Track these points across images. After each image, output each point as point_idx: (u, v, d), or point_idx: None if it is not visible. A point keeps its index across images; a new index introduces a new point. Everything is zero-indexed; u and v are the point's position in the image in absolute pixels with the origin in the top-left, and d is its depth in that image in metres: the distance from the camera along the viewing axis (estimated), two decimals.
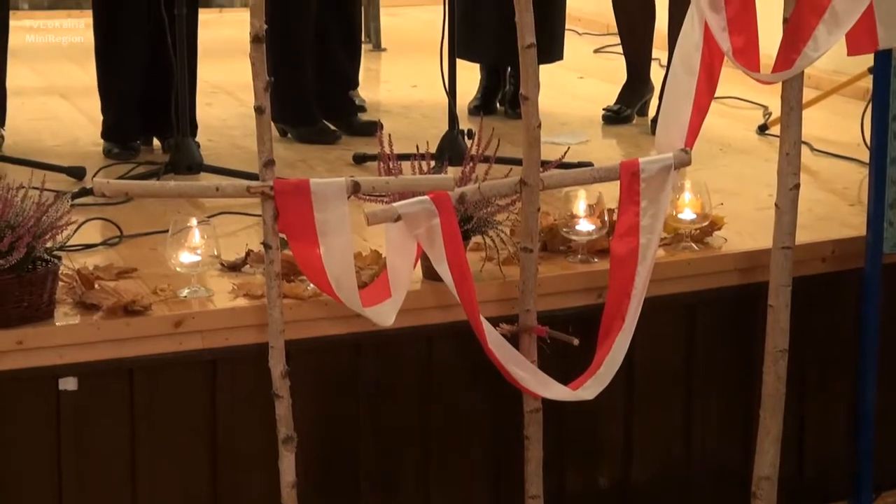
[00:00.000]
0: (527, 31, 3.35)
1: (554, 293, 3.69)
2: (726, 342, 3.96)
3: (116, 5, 5.01)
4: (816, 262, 3.99)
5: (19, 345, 3.33)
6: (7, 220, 3.30)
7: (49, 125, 5.54)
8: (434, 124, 4.99)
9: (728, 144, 5.14)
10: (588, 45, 7.20)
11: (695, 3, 3.55)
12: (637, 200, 3.49)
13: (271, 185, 3.22)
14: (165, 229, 3.79)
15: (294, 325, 3.42)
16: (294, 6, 5.13)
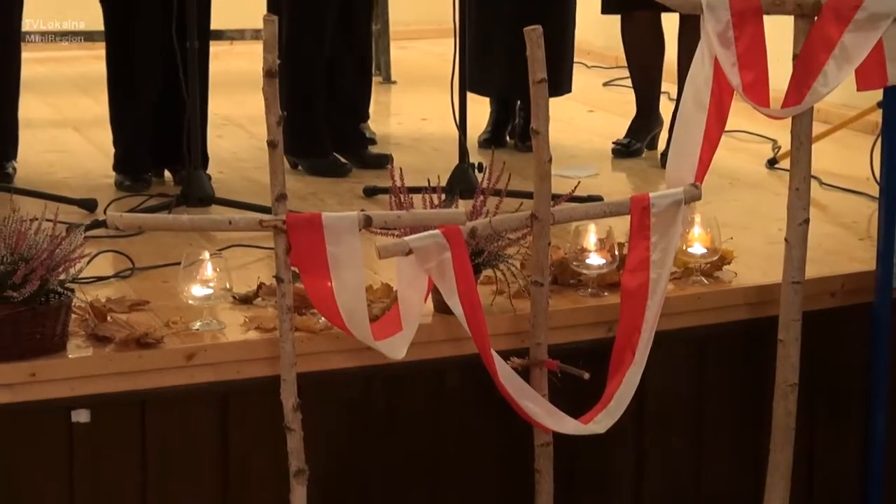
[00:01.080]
0: (538, 66, 3.38)
1: (564, 327, 3.69)
2: (736, 376, 3.96)
3: (129, 38, 5.02)
4: (826, 296, 3.99)
5: (32, 377, 3.33)
6: (21, 253, 3.31)
7: (60, 157, 5.55)
8: (444, 157, 5.01)
9: (737, 178, 5.15)
10: (597, 78, 7.21)
11: (705, 38, 3.57)
12: (647, 235, 3.51)
13: (284, 219, 3.24)
14: (177, 262, 3.81)
15: (305, 357, 3.42)
16: (306, 39, 5.16)
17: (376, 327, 3.37)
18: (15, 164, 5.19)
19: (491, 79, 5.66)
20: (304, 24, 5.13)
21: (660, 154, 5.56)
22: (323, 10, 5.24)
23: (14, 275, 3.29)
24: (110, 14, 5.07)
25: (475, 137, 5.54)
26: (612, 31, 5.89)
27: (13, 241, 3.33)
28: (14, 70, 5.19)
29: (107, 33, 5.11)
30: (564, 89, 5.69)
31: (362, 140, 5.55)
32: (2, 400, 3.33)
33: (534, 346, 3.50)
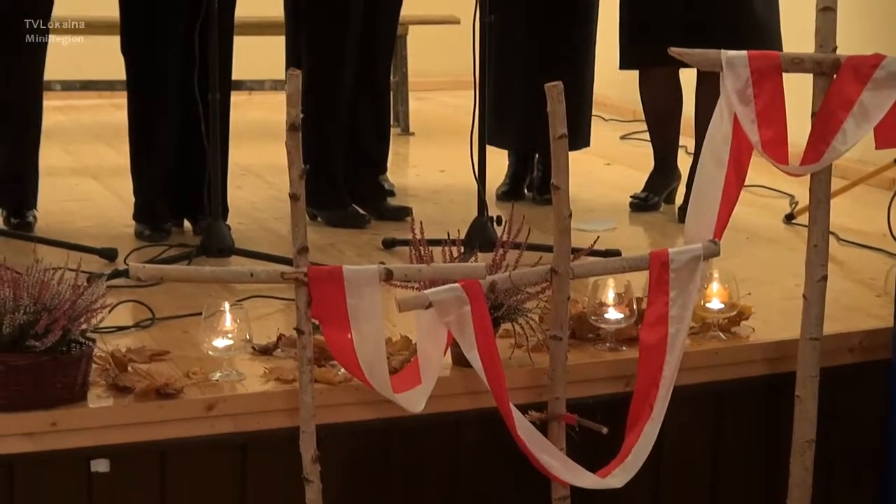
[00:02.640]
0: (559, 122, 3.39)
1: (582, 381, 3.69)
2: (753, 432, 3.96)
3: (151, 89, 5.06)
4: (844, 352, 3.99)
5: (53, 426, 3.34)
6: (44, 303, 3.33)
7: (80, 206, 5.58)
8: (462, 209, 5.03)
9: (755, 233, 5.16)
10: (615, 132, 7.25)
11: (724, 95, 3.58)
12: (666, 290, 3.51)
13: (305, 272, 3.26)
14: (197, 312, 3.83)
15: (324, 409, 3.43)
16: (326, 92, 5.19)
17: (396, 380, 3.38)
18: (35, 212, 5.23)
19: (509, 132, 5.69)
20: (324, 77, 5.16)
21: (677, 208, 5.59)
22: (342, 63, 5.28)
23: (37, 324, 3.30)
24: (133, 65, 5.11)
25: (492, 189, 5.55)
26: (629, 84, 5.90)
27: (36, 290, 3.34)
28: (36, 119, 5.24)
29: (128, 84, 5.14)
30: (583, 143, 5.71)
31: (381, 192, 5.58)
32: (22, 449, 3.34)
33: (552, 399, 3.50)
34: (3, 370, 3.32)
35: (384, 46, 5.52)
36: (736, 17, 5.35)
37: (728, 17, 5.35)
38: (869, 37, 4.27)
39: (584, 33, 5.71)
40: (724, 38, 4.67)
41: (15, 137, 5.21)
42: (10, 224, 5.13)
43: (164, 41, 4.98)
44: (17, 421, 3.33)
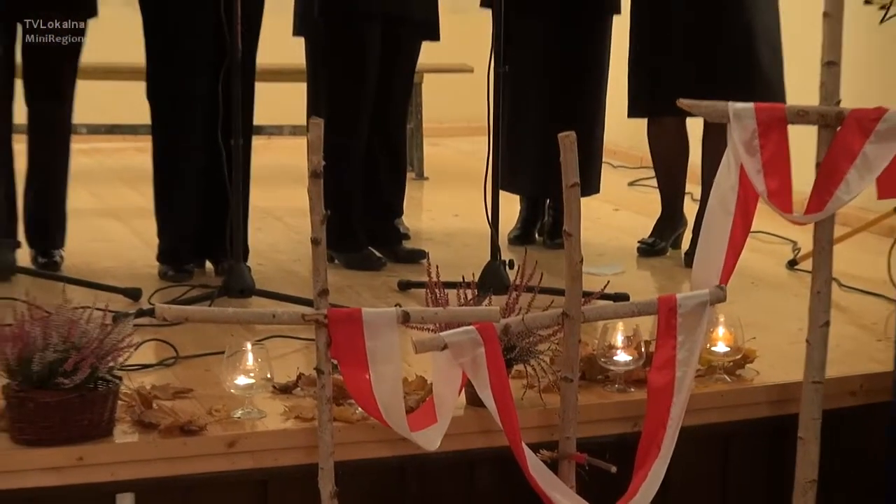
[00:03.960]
0: (571, 171, 3.42)
1: (592, 421, 3.69)
2: (757, 472, 3.95)
3: (175, 134, 5.08)
4: (845, 395, 3.98)
5: (80, 461, 3.35)
6: (73, 341, 3.34)
7: (105, 246, 5.60)
8: (475, 253, 5.03)
9: (760, 279, 5.16)
10: (623, 178, 7.26)
11: (731, 146, 3.60)
12: (674, 335, 3.53)
13: (325, 314, 3.28)
14: (219, 350, 3.85)
15: (342, 446, 3.42)
16: (344, 139, 5.20)
17: (412, 419, 3.40)
18: (62, 252, 5.25)
19: (522, 178, 5.70)
20: (342, 124, 5.16)
21: (683, 253, 5.58)
22: (360, 111, 5.31)
23: (65, 362, 3.32)
24: (157, 110, 5.13)
25: (504, 233, 5.53)
26: (637, 132, 5.92)
27: (65, 329, 3.36)
28: (63, 163, 5.26)
29: (153, 128, 5.16)
30: (593, 190, 5.72)
31: (396, 235, 5.58)
32: (50, 483, 3.34)
33: (563, 439, 3.52)
34: (33, 407, 3.33)
35: (400, 95, 5.55)
36: (742, 69, 5.38)
37: (734, 69, 5.37)
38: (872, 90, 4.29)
39: (595, 83, 5.74)
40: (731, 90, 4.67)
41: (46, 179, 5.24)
42: (39, 264, 5.14)
43: (188, 88, 5.00)
44: (44, 456, 3.34)
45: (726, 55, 5.40)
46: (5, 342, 3.36)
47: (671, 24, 5.49)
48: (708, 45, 5.40)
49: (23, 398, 3.35)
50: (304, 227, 3.53)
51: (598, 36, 5.71)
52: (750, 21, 5.41)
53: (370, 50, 5.29)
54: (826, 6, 3.57)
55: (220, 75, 4.79)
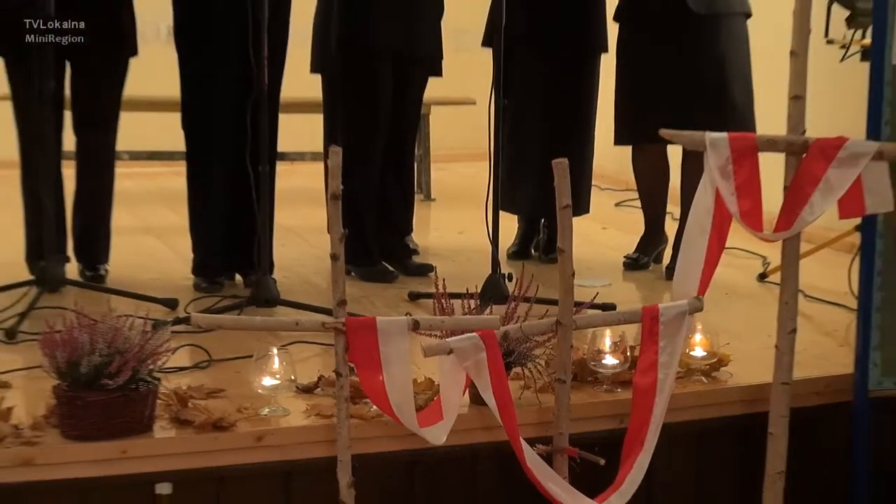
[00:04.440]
0: (564, 195, 3.42)
1: (583, 418, 3.68)
2: (731, 464, 3.95)
3: (208, 160, 5.09)
4: (811, 395, 3.99)
5: (123, 454, 3.37)
6: (116, 346, 3.36)
7: (145, 261, 5.60)
8: (477, 267, 5.02)
9: (733, 290, 5.15)
10: (610, 200, 7.25)
11: (707, 171, 3.59)
12: (656, 340, 3.53)
13: (344, 322, 3.28)
14: (247, 355, 3.85)
15: (359, 441, 3.43)
16: (360, 165, 5.20)
17: (421, 416, 3.40)
18: (107, 266, 5.26)
19: (520, 199, 5.69)
20: (358, 152, 5.16)
21: (664, 267, 5.59)
22: (374, 140, 5.31)
23: (110, 365, 3.33)
24: (192, 139, 5.14)
25: (504, 250, 5.55)
26: (623, 158, 5.91)
27: (110, 336, 3.37)
28: (108, 186, 5.28)
29: (188, 155, 5.18)
30: (583, 210, 5.71)
31: (407, 251, 5.58)
32: (96, 473, 3.36)
33: (556, 435, 3.52)
34: (80, 405, 3.35)
35: (410, 126, 5.55)
36: (716, 102, 5.38)
37: (710, 102, 5.37)
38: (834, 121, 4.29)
39: (585, 114, 5.73)
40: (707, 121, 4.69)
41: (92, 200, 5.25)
42: (86, 277, 5.15)
43: (219, 119, 5.01)
44: (91, 449, 3.35)
45: (702, 89, 5.39)
46: (56, 347, 3.38)
47: (653, 62, 5.49)
48: (686, 80, 5.40)
49: (71, 397, 3.36)
50: (324, 244, 3.54)
51: (588, 72, 5.71)
52: (723, 59, 5.42)
53: (382, 85, 5.29)
54: (793, 45, 3.57)
55: (247, 107, 4.80)
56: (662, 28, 5.44)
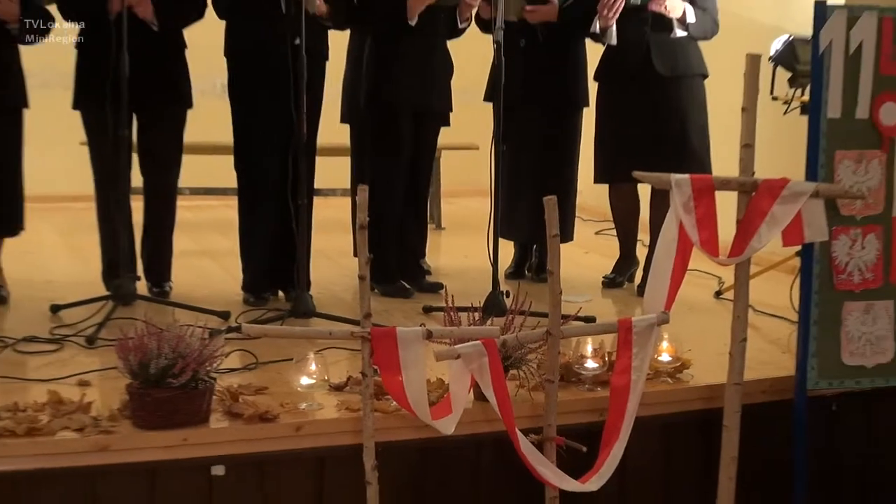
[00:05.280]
0: (553, 225, 3.43)
1: (568, 412, 3.68)
2: (692, 451, 3.94)
3: (255, 195, 5.09)
4: (759, 394, 3.99)
5: (184, 441, 3.38)
6: (179, 351, 3.37)
7: (202, 279, 5.61)
8: (480, 286, 5.02)
9: (693, 306, 5.15)
10: (591, 228, 7.24)
11: (673, 207, 3.60)
12: (630, 348, 3.53)
13: (369, 332, 3.30)
14: (288, 358, 3.87)
15: (381, 431, 3.44)
16: (384, 201, 5.20)
17: (433, 410, 3.42)
18: (171, 284, 5.27)
19: (516, 229, 5.68)
20: (382, 191, 5.18)
21: (636, 286, 5.59)
22: (395, 180, 5.33)
23: (174, 367, 3.35)
24: (242, 177, 5.16)
25: (503, 271, 5.55)
26: (601, 194, 5.91)
27: (174, 342, 3.38)
28: (171, 217, 5.29)
29: (239, 191, 5.19)
30: (568, 238, 5.70)
31: (421, 271, 5.58)
32: (161, 457, 3.37)
33: (546, 426, 3.52)
34: (149, 400, 3.36)
35: (425, 167, 5.55)
36: (679, 148, 5.40)
37: (674, 148, 5.39)
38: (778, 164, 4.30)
39: (569, 158, 5.72)
40: (671, 164, 4.71)
41: (158, 228, 5.27)
42: (153, 292, 5.17)
43: (266, 161, 5.02)
44: (159, 437, 3.36)
45: (667, 138, 5.41)
46: (129, 351, 3.39)
47: (626, 114, 5.50)
48: (653, 130, 5.42)
49: (142, 394, 3.37)
50: (352, 266, 3.55)
51: (572, 122, 5.71)
52: (684, 113, 5.44)
53: (402, 134, 5.31)
54: (744, 102, 3.58)
55: (289, 152, 4.82)
56: (634, 87, 5.46)
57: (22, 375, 3.89)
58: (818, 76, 3.81)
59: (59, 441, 3.30)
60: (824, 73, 3.80)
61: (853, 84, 3.80)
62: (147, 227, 5.25)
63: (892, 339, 3.95)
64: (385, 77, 5.24)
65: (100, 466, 3.31)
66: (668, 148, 5.37)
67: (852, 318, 3.90)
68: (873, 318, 3.92)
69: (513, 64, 5.10)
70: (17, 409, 3.43)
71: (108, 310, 4.61)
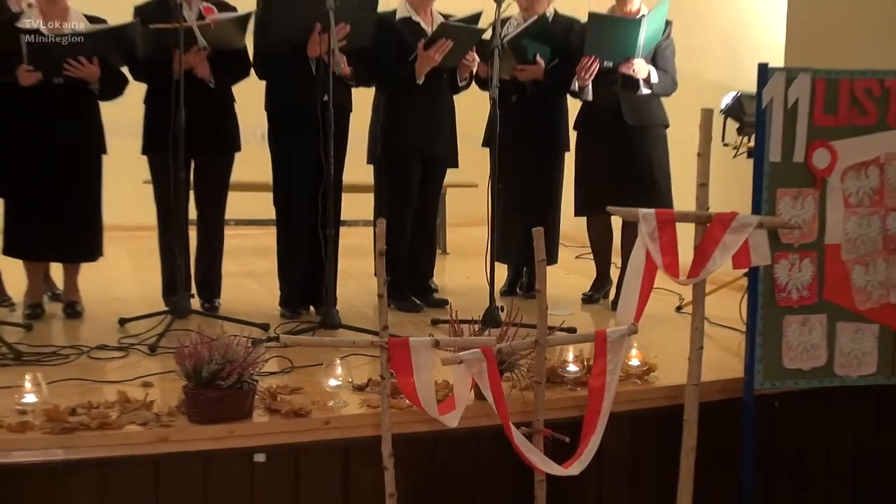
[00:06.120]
0: (540, 252, 3.45)
1: (553, 409, 3.69)
2: (658, 441, 3.94)
3: (291, 226, 5.09)
4: (714, 392, 3.97)
5: (231, 433, 3.39)
6: (227, 357, 3.38)
7: (245, 296, 5.60)
8: (479, 302, 5.02)
9: (658, 318, 5.13)
10: (572, 253, 7.19)
11: (641, 236, 3.61)
12: (605, 354, 3.52)
13: (386, 341, 3.30)
14: (318, 363, 3.88)
15: (397, 424, 3.44)
16: (399, 230, 5.20)
17: (440, 407, 3.41)
18: (219, 300, 5.27)
19: (510, 254, 5.67)
20: (397, 223, 5.17)
21: (611, 302, 5.58)
22: (408, 211, 5.33)
23: (222, 371, 3.36)
24: (280, 211, 5.15)
25: (498, 289, 5.54)
26: (580, 225, 5.90)
27: (222, 350, 3.40)
28: (219, 244, 5.29)
29: (277, 222, 5.18)
30: (553, 261, 5.69)
31: (429, 290, 5.56)
32: (212, 447, 3.39)
33: (535, 420, 3.53)
34: (202, 399, 3.37)
35: (433, 203, 5.54)
36: (646, 187, 5.39)
37: (641, 187, 5.38)
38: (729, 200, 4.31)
39: (554, 195, 5.70)
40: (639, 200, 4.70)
41: (209, 253, 5.27)
42: (205, 308, 5.16)
43: (299, 197, 5.01)
44: (210, 430, 3.38)
45: (635, 178, 5.41)
46: (185, 358, 3.41)
47: (600, 158, 5.51)
48: (624, 171, 5.42)
49: (196, 393, 3.39)
50: (373, 285, 3.54)
51: (556, 165, 5.70)
52: (650, 156, 5.44)
53: (413, 176, 5.31)
54: (699, 148, 3.60)
55: (319, 189, 4.83)
56: (607, 135, 5.46)
57: (95, 378, 3.90)
58: (762, 127, 3.82)
59: (127, 433, 3.31)
60: (767, 124, 3.81)
61: (791, 133, 3.81)
62: (200, 252, 5.26)
63: (825, 347, 3.95)
64: (397, 127, 5.25)
65: (160, 455, 3.33)
66: (637, 187, 5.36)
67: (791, 330, 3.91)
68: (809, 330, 3.92)
69: (506, 115, 5.12)
70: (91, 407, 3.45)
71: (167, 322, 4.61)
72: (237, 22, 4.93)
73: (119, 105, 5.03)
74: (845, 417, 4.21)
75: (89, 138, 4.94)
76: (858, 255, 3.91)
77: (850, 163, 3.87)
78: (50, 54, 4.69)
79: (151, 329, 4.57)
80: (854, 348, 3.96)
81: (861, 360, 3.97)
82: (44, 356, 4.17)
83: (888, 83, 3.88)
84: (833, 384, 3.98)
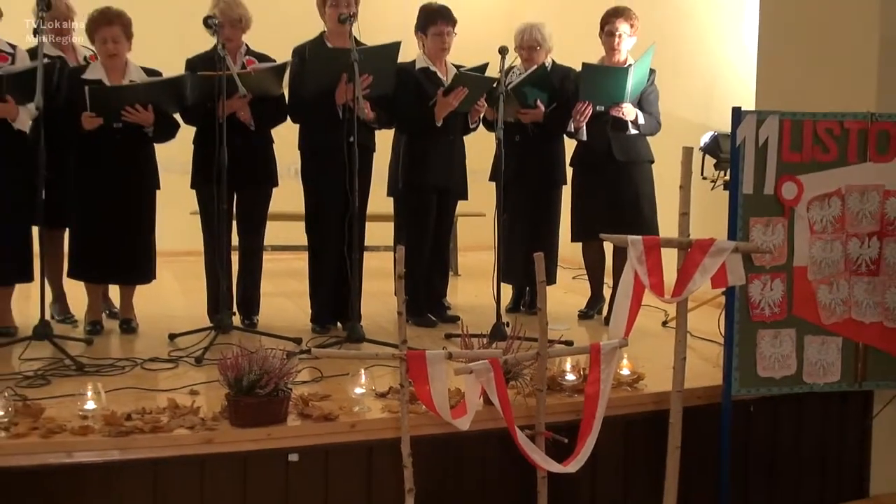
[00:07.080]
0: (541, 273, 3.45)
1: (553, 413, 3.68)
2: (646, 442, 3.91)
3: (321, 251, 5.08)
4: (695, 398, 3.95)
5: (268, 436, 3.38)
6: (264, 368, 3.38)
7: (280, 313, 5.58)
8: (487, 318, 5.00)
9: (646, 333, 5.10)
10: (569, 275, 7.12)
11: (629, 259, 3.61)
12: (599, 364, 3.53)
13: (405, 354, 3.30)
14: (345, 373, 3.86)
15: (414, 427, 3.44)
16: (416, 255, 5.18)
17: (453, 412, 3.42)
18: (257, 317, 5.26)
19: (514, 276, 5.65)
20: (414, 249, 5.16)
21: (604, 318, 5.54)
22: (423, 242, 5.31)
23: (260, 381, 3.36)
24: (311, 238, 5.14)
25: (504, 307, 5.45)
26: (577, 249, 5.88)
27: (261, 361, 3.40)
28: (258, 266, 5.29)
29: (309, 247, 5.17)
30: (552, 281, 5.66)
31: (443, 307, 5.54)
32: (251, 448, 3.37)
33: (537, 424, 3.52)
34: (243, 405, 3.37)
35: (446, 231, 5.52)
36: (633, 216, 5.38)
37: (629, 216, 5.37)
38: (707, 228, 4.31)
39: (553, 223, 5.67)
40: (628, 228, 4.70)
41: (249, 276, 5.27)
42: (244, 324, 5.16)
43: (328, 226, 5.01)
44: (249, 433, 3.37)
45: (625, 209, 5.40)
46: (227, 368, 3.41)
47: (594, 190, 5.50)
48: (614, 202, 5.41)
49: (237, 401, 3.38)
50: (393, 304, 3.54)
51: (554, 197, 5.68)
52: (637, 189, 5.44)
53: (429, 208, 5.30)
54: (681, 181, 3.61)
55: (345, 219, 4.83)
56: (600, 170, 5.46)
57: (148, 387, 3.90)
58: (736, 162, 3.83)
59: (176, 436, 3.31)
60: (740, 160, 3.81)
61: (762, 168, 3.81)
62: (240, 275, 5.26)
63: (794, 358, 3.94)
64: (416, 165, 5.25)
65: (205, 455, 3.32)
66: (626, 216, 5.36)
67: (765, 342, 3.90)
68: (780, 342, 3.91)
69: (510, 153, 5.13)
70: (144, 412, 3.45)
71: (211, 337, 4.61)
72: (274, 71, 4.97)
73: (170, 146, 5.06)
74: (813, 420, 4.18)
75: (145, 176, 4.99)
76: (823, 276, 3.91)
77: (815, 194, 3.87)
78: (109, 101, 4.74)
79: (198, 343, 4.57)
80: (820, 358, 3.95)
81: (827, 369, 3.96)
82: (103, 367, 4.18)
83: (847, 124, 3.88)
84: (802, 391, 3.96)
